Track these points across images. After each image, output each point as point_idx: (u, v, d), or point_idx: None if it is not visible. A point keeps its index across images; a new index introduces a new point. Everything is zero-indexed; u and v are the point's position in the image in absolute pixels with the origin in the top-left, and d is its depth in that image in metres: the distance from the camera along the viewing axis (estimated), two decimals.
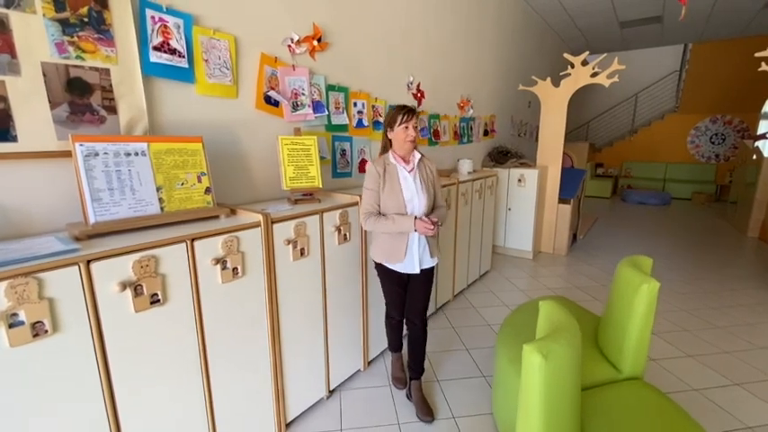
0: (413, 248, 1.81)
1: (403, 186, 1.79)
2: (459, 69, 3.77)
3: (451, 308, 3.13)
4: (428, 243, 1.84)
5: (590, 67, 4.02)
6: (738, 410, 1.95)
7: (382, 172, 1.78)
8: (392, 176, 1.79)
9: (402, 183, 1.80)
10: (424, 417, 1.89)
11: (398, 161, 1.82)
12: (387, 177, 1.78)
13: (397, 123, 1.78)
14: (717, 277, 3.84)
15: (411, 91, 3.06)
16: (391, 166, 1.81)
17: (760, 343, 2.59)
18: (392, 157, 1.83)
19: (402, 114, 1.77)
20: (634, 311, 1.54)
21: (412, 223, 1.72)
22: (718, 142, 8.87)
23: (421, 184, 1.83)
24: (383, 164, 1.80)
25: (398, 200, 1.77)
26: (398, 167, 1.82)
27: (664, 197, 8.09)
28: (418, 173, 1.85)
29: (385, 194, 1.78)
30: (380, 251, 1.84)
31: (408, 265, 1.83)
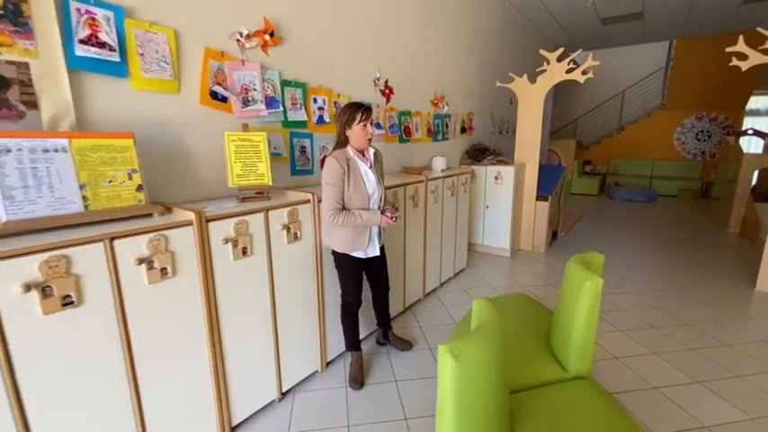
0: (374, 237, 1.99)
1: (365, 181, 1.89)
2: (431, 65, 3.73)
3: (421, 306, 3.09)
4: (381, 232, 2.05)
5: (565, 63, 3.99)
6: (696, 409, 1.92)
7: (346, 167, 1.82)
8: (355, 171, 1.86)
9: (364, 177, 1.89)
10: (404, 346, 2.33)
11: (357, 155, 1.90)
12: (350, 173, 1.84)
13: (356, 122, 1.84)
14: (693, 274, 3.83)
15: (378, 87, 3.01)
16: (353, 161, 1.87)
17: (726, 340, 2.57)
18: (350, 151, 1.89)
19: (361, 113, 1.83)
20: (578, 310, 1.50)
21: (379, 218, 1.88)
22: (704, 139, 8.89)
23: (377, 177, 1.96)
24: (344, 158, 1.84)
25: (363, 194, 1.87)
26: (359, 162, 1.89)
27: (650, 194, 8.10)
28: (374, 169, 1.96)
29: (350, 190, 1.84)
30: (343, 242, 1.92)
31: (371, 250, 2.00)
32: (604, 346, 2.51)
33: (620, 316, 2.92)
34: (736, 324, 2.79)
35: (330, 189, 1.82)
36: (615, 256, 4.38)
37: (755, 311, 3.00)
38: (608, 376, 2.18)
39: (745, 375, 2.18)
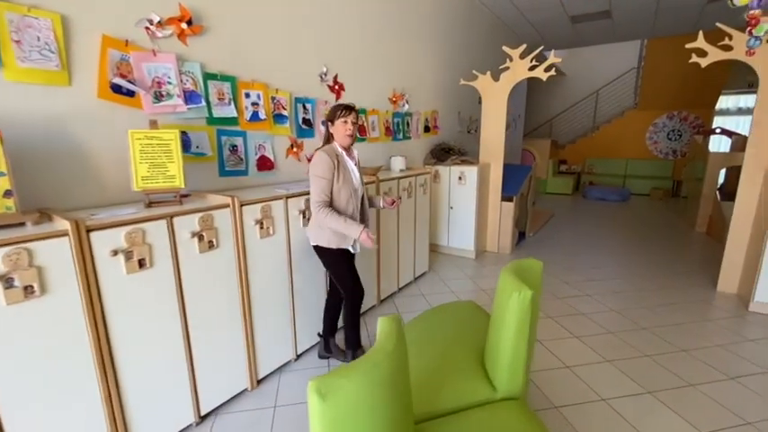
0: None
1: (352, 176, 1.99)
2: (389, 61, 3.58)
3: (375, 314, 2.93)
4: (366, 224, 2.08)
5: (527, 60, 3.89)
6: (642, 422, 1.82)
7: (336, 163, 1.90)
8: (344, 166, 1.95)
9: (351, 173, 1.99)
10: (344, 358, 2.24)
11: (344, 152, 1.99)
12: (340, 167, 1.92)
13: (336, 117, 1.94)
14: (657, 275, 3.78)
15: (326, 83, 2.84)
16: (341, 157, 1.96)
17: (682, 345, 2.49)
18: (338, 147, 1.97)
19: (340, 110, 1.94)
20: (506, 324, 1.36)
21: (359, 232, 1.87)
22: (675, 138, 8.99)
23: (361, 174, 2.07)
24: (334, 153, 1.92)
25: (349, 189, 1.96)
26: (346, 158, 1.98)
27: (622, 193, 8.14)
28: (357, 164, 2.07)
29: (339, 184, 1.91)
30: (334, 237, 1.97)
31: (359, 245, 2.08)
32: (558, 353, 2.40)
33: (578, 321, 2.82)
34: (694, 327, 2.72)
35: (319, 181, 1.88)
36: (582, 257, 4.32)
37: (715, 313, 2.95)
38: (556, 387, 2.07)
39: (698, 384, 2.09)
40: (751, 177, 3.11)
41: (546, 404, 1.94)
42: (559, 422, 1.82)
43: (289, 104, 2.52)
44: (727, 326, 2.74)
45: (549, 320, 2.84)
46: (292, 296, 2.19)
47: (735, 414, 1.87)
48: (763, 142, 3.01)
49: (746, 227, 3.17)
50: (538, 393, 2.02)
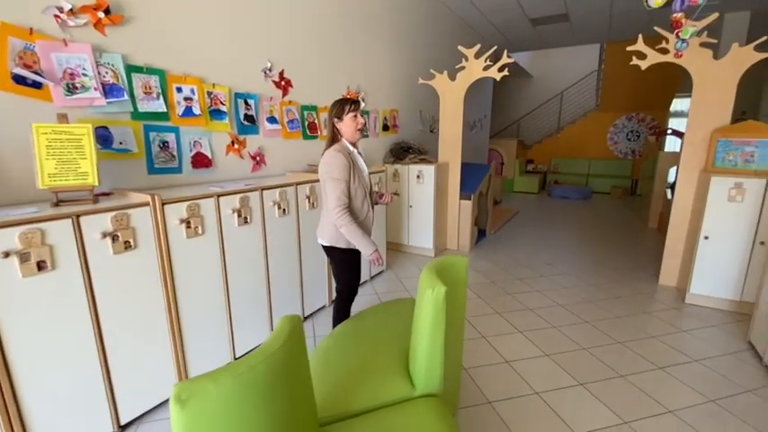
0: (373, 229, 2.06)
1: (365, 175, 1.96)
2: (342, 58, 3.54)
3: (324, 315, 2.89)
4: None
5: (482, 59, 3.93)
6: (572, 415, 1.85)
7: (348, 159, 1.84)
8: (357, 165, 1.90)
9: (364, 171, 1.95)
10: None
11: (354, 149, 1.94)
12: (354, 167, 1.87)
13: (345, 112, 1.87)
14: (606, 269, 3.90)
15: (271, 78, 2.78)
16: (354, 156, 1.91)
17: (619, 337, 2.57)
18: (348, 145, 1.91)
19: (349, 104, 1.87)
20: (421, 321, 1.35)
21: (371, 252, 1.87)
22: (634, 139, 9.36)
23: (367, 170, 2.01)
24: (348, 153, 1.86)
25: (365, 187, 1.93)
26: (358, 156, 1.94)
27: (584, 192, 8.39)
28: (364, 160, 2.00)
29: (355, 183, 1.85)
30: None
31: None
32: (500, 349, 2.43)
33: (524, 316, 2.87)
34: (632, 320, 2.81)
35: (337, 184, 1.81)
36: (538, 254, 4.41)
37: (654, 306, 3.06)
38: (492, 382, 2.09)
39: (628, 375, 2.16)
40: (687, 176, 3.25)
41: (480, 399, 1.96)
42: (491, 417, 1.84)
43: (228, 100, 2.45)
44: (663, 318, 2.85)
45: (497, 316, 2.88)
46: (228, 298, 2.12)
47: (658, 403, 1.93)
48: (698, 142, 3.15)
49: (684, 223, 3.32)
50: (473, 389, 2.04)
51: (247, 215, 2.17)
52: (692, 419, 1.81)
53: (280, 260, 2.45)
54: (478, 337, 2.57)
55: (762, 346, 2.26)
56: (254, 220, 2.22)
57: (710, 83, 3.00)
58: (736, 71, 2.88)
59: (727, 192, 2.79)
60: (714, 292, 2.96)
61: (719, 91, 2.98)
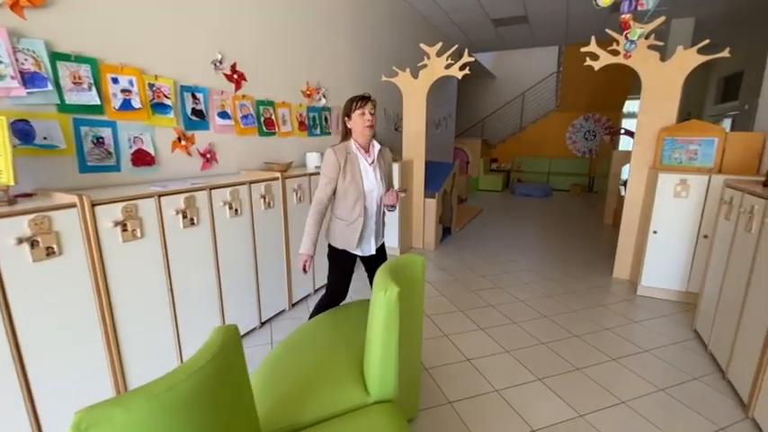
0: (369, 235, 1.98)
1: (364, 177, 1.88)
2: (301, 53, 3.42)
3: (284, 318, 2.78)
4: (378, 231, 2.01)
5: (444, 57, 3.94)
6: (530, 410, 1.86)
7: (343, 162, 1.84)
8: (353, 166, 1.87)
9: (363, 173, 1.88)
10: None
11: (360, 151, 1.89)
12: (347, 167, 1.85)
13: (352, 110, 1.86)
14: (565, 265, 4.01)
15: (222, 71, 2.62)
16: (352, 156, 1.87)
17: (575, 330, 2.63)
18: (354, 146, 1.89)
19: (356, 101, 1.85)
20: (374, 324, 1.30)
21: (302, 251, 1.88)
22: (591, 138, 9.78)
23: (382, 175, 1.93)
24: (344, 152, 1.85)
25: (359, 189, 1.87)
26: (360, 158, 1.88)
27: (545, 190, 8.67)
28: (378, 164, 1.92)
29: (346, 183, 1.85)
30: (340, 238, 1.95)
31: (366, 248, 2.01)
32: (461, 347, 2.42)
33: (486, 313, 2.88)
34: (588, 313, 2.89)
35: (321, 179, 1.87)
36: (501, 251, 4.48)
37: (609, 299, 3.17)
38: (453, 382, 2.06)
39: (584, 368, 2.21)
40: (638, 173, 3.40)
41: (440, 400, 1.93)
42: (451, 417, 1.81)
43: (173, 93, 2.28)
44: (617, 310, 2.95)
45: (459, 314, 2.87)
46: (173, 307, 1.97)
47: (612, 394, 1.98)
48: (647, 140, 3.29)
49: (635, 218, 3.46)
50: (434, 389, 2.00)
51: (194, 216, 2.03)
52: (644, 409, 1.87)
53: (232, 263, 2.32)
54: (440, 335, 2.55)
55: (706, 334, 2.38)
56: (201, 221, 2.08)
57: (658, 84, 3.14)
58: (681, 73, 3.03)
59: (673, 188, 2.93)
60: (663, 283, 3.10)
61: (666, 92, 3.13)
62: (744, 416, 1.79)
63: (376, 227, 2.00)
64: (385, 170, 1.98)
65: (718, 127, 3.05)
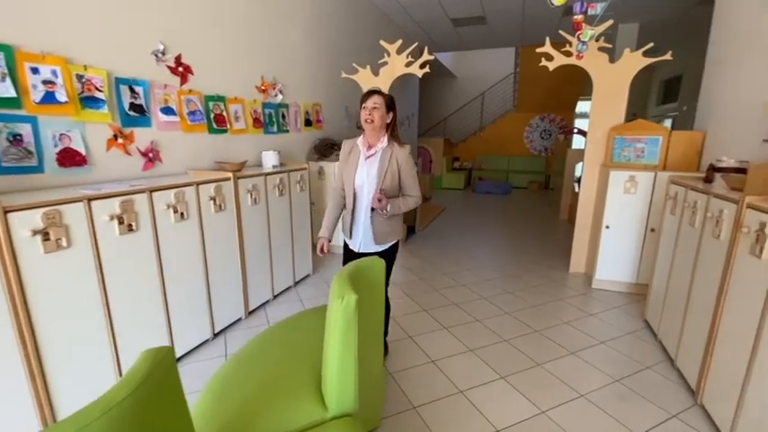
0: (357, 230, 1.97)
1: (357, 171, 1.91)
2: (254, 46, 3.25)
3: (240, 328, 2.62)
4: (372, 231, 1.93)
5: (404, 55, 3.89)
6: (494, 410, 1.85)
7: (347, 152, 1.97)
8: (352, 159, 1.94)
9: (357, 167, 1.91)
10: None
11: (363, 145, 1.93)
12: (350, 159, 1.95)
13: (360, 104, 1.89)
14: (523, 260, 4.10)
15: (164, 63, 2.42)
16: (356, 148, 1.95)
17: (536, 325, 2.68)
18: (361, 139, 1.95)
19: (362, 97, 1.88)
20: (331, 334, 1.21)
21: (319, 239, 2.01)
22: (546, 137, 10.18)
23: (378, 173, 1.87)
24: (351, 145, 1.98)
25: (350, 182, 1.93)
26: (361, 152, 1.92)
27: (505, 187, 8.92)
28: (379, 161, 1.88)
29: (345, 174, 1.95)
30: (342, 225, 2.05)
31: (352, 243, 2.03)
32: (425, 348, 2.38)
33: (450, 311, 2.87)
34: (548, 308, 2.96)
35: (338, 167, 2.04)
36: (464, 248, 4.52)
37: (566, 293, 3.26)
38: (418, 385, 2.02)
39: (545, 363, 2.24)
40: (590, 170, 3.53)
41: (405, 405, 1.87)
42: (415, 423, 1.76)
43: (106, 86, 2.06)
44: (574, 303, 3.04)
45: (423, 313, 2.84)
46: (110, 323, 1.78)
47: (571, 388, 2.01)
48: (598, 139, 3.42)
49: (589, 214, 3.59)
50: (398, 395, 1.95)
51: (132, 222, 1.84)
52: (601, 401, 1.91)
53: (179, 272, 2.14)
54: (405, 337, 2.50)
55: (656, 323, 2.49)
56: (141, 227, 1.89)
57: (607, 84, 3.27)
58: (628, 74, 3.17)
59: (623, 184, 3.05)
60: (615, 276, 3.24)
61: (615, 92, 3.26)
62: (693, 402, 1.87)
63: (365, 223, 1.93)
64: (389, 168, 1.86)
65: (662, 126, 3.22)
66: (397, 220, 2.01)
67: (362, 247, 1.97)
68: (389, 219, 1.94)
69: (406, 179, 1.92)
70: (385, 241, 1.96)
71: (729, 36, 2.80)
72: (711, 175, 2.20)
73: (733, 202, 1.68)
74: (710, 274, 1.82)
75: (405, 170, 1.91)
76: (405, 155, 1.90)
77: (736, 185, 1.87)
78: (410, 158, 1.92)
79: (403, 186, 1.94)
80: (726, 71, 2.80)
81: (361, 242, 1.97)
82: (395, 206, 1.88)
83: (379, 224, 1.93)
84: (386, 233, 1.95)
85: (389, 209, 1.84)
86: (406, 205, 1.93)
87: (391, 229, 1.98)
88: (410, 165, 1.92)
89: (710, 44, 3.06)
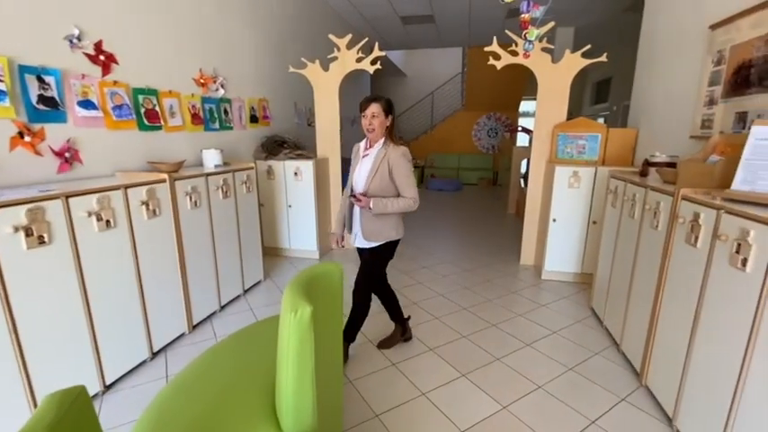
0: (355, 225, 2.09)
1: (356, 170, 2.04)
2: (190, 35, 2.98)
3: (183, 344, 2.38)
4: (361, 225, 2.03)
5: (354, 50, 3.80)
6: (457, 410, 1.82)
7: (356, 152, 2.09)
8: (356, 158, 2.07)
9: (357, 166, 2.04)
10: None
11: (365, 146, 2.05)
12: (355, 158, 2.08)
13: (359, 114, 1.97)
14: (477, 255, 4.19)
15: (81, 49, 2.12)
16: (359, 150, 2.08)
17: (492, 319, 2.72)
18: (363, 142, 2.08)
19: (360, 104, 1.94)
20: (285, 351, 1.09)
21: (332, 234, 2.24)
22: (493, 135, 10.58)
23: (370, 172, 1.96)
24: (359, 146, 2.10)
25: (351, 180, 2.08)
26: (362, 152, 2.05)
27: (456, 184, 9.14)
28: (372, 161, 1.97)
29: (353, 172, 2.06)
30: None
31: (351, 238, 2.14)
32: (386, 351, 2.32)
33: (409, 311, 2.81)
34: (503, 301, 3.02)
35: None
36: (419, 245, 4.53)
37: (518, 285, 3.37)
38: (379, 391, 1.95)
39: (503, 357, 2.27)
40: (537, 166, 3.67)
41: (366, 414, 1.79)
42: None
43: (7, 74, 1.75)
44: (526, 295, 3.14)
45: (383, 315, 2.76)
46: (21, 354, 1.51)
47: (529, 380, 2.05)
48: (543, 136, 3.56)
49: (537, 208, 3.74)
50: (359, 403, 1.86)
51: (44, 233, 1.57)
52: (557, 390, 1.96)
53: (106, 287, 1.89)
54: (364, 341, 2.43)
55: (601, 310, 2.63)
56: (56, 238, 1.63)
57: (551, 84, 3.41)
58: (569, 73, 3.33)
59: (567, 180, 3.20)
60: (563, 267, 3.39)
61: (558, 91, 3.41)
62: (638, 384, 1.98)
63: (358, 220, 2.04)
64: (379, 168, 1.92)
65: (601, 124, 3.42)
66: (387, 219, 2.00)
67: (356, 242, 2.11)
68: (377, 217, 1.97)
69: (398, 179, 1.93)
70: (374, 238, 2.02)
71: (657, 39, 3.03)
72: (646, 169, 2.35)
73: (669, 195, 1.78)
74: (650, 262, 1.93)
75: (396, 171, 1.92)
76: (396, 155, 1.91)
77: (669, 179, 2.00)
78: (403, 159, 1.92)
79: (397, 187, 1.96)
80: (654, 72, 3.02)
81: (356, 237, 2.10)
82: (380, 205, 1.90)
83: (367, 221, 2.01)
84: (373, 231, 2.01)
85: (373, 207, 1.89)
86: (395, 206, 1.92)
87: (380, 227, 2.00)
88: (403, 165, 1.91)
89: (640, 47, 3.29)
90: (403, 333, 2.39)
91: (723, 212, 1.40)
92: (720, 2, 2.24)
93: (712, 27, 2.29)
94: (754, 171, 1.41)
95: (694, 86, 2.45)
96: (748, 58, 2.02)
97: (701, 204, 1.55)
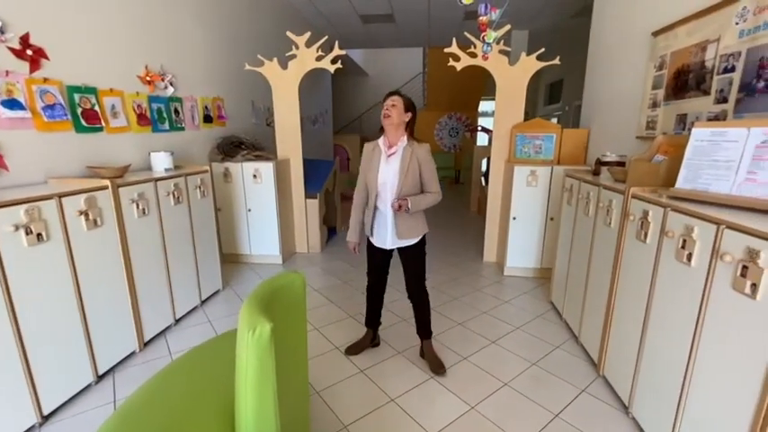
0: (380, 228, 2.07)
1: (380, 170, 1.98)
2: (134, 30, 2.76)
3: (133, 364, 2.21)
4: (395, 225, 2.01)
5: (314, 49, 3.70)
6: (426, 414, 1.81)
7: (370, 152, 2.03)
8: (374, 158, 2.00)
9: (380, 166, 1.98)
10: (437, 370, 2.10)
11: (384, 145, 2.00)
12: (373, 159, 2.01)
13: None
14: (443, 254, 4.23)
15: (3, 42, 1.89)
16: (378, 148, 2.01)
17: (459, 318, 2.75)
18: (382, 139, 2.02)
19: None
20: (244, 371, 1.02)
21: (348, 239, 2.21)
22: (454, 135, 10.79)
23: (400, 170, 1.94)
24: (374, 145, 2.04)
25: (373, 181, 2.00)
26: (382, 151, 1.99)
27: None
28: (401, 159, 1.95)
29: (368, 174, 2.02)
30: (365, 225, 2.13)
31: (377, 241, 2.10)
32: (353, 357, 2.28)
33: None
34: (468, 299, 3.07)
35: (360, 170, 2.09)
36: None
37: (482, 282, 3.43)
38: (348, 400, 1.90)
39: (470, 356, 2.29)
40: (497, 166, 3.76)
41: (335, 426, 1.74)
42: None
43: None
44: (490, 292, 3.21)
45: (350, 320, 2.73)
46: None
47: (496, 378, 2.08)
48: (502, 136, 3.65)
49: (497, 207, 3.83)
50: (327, 415, 1.80)
51: None
52: (522, 386, 2.00)
53: (39, 306, 1.70)
54: (331, 349, 2.36)
55: (560, 304, 2.73)
56: None
57: (508, 85, 3.50)
58: (525, 75, 3.43)
59: (525, 178, 3.30)
60: (523, 263, 3.50)
61: (515, 92, 3.50)
62: (596, 375, 2.07)
63: (387, 221, 2.02)
64: (410, 165, 1.94)
65: (555, 124, 3.56)
66: (419, 215, 2.07)
67: (390, 244, 2.06)
68: (410, 215, 2.01)
69: (426, 175, 1.99)
70: (409, 236, 2.03)
71: (605, 43, 3.18)
72: (599, 168, 2.46)
73: (620, 193, 1.87)
74: (604, 257, 2.02)
75: (425, 167, 1.99)
76: (424, 152, 1.99)
77: (620, 177, 2.10)
78: (430, 156, 2.01)
79: (423, 183, 2.01)
80: (603, 74, 3.18)
81: (387, 239, 2.05)
82: (415, 204, 1.93)
83: (402, 221, 2.00)
84: (409, 228, 2.02)
85: (411, 206, 1.91)
86: (426, 202, 1.99)
87: (413, 224, 2.04)
88: (430, 162, 2.00)
89: (590, 50, 3.46)
90: (372, 339, 2.36)
91: (670, 210, 1.48)
92: (661, 10, 2.39)
93: (654, 34, 2.43)
94: (695, 170, 1.50)
95: (639, 89, 2.59)
96: (686, 64, 2.16)
97: (649, 202, 1.63)
